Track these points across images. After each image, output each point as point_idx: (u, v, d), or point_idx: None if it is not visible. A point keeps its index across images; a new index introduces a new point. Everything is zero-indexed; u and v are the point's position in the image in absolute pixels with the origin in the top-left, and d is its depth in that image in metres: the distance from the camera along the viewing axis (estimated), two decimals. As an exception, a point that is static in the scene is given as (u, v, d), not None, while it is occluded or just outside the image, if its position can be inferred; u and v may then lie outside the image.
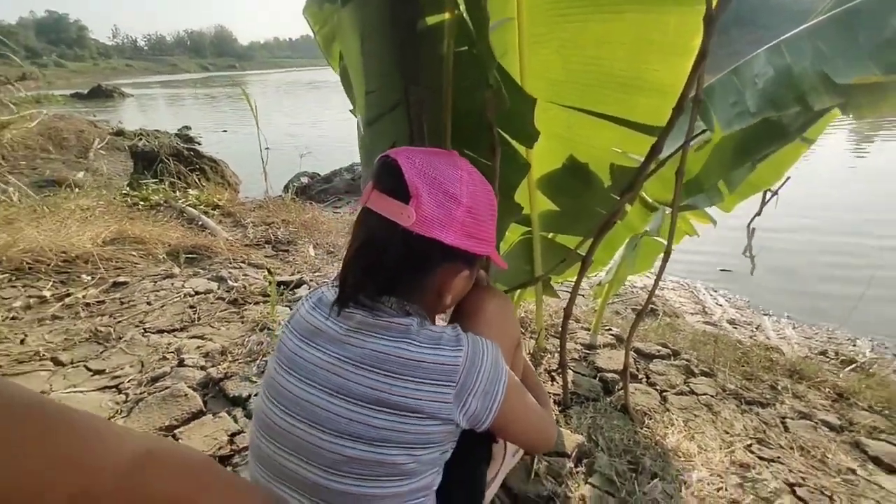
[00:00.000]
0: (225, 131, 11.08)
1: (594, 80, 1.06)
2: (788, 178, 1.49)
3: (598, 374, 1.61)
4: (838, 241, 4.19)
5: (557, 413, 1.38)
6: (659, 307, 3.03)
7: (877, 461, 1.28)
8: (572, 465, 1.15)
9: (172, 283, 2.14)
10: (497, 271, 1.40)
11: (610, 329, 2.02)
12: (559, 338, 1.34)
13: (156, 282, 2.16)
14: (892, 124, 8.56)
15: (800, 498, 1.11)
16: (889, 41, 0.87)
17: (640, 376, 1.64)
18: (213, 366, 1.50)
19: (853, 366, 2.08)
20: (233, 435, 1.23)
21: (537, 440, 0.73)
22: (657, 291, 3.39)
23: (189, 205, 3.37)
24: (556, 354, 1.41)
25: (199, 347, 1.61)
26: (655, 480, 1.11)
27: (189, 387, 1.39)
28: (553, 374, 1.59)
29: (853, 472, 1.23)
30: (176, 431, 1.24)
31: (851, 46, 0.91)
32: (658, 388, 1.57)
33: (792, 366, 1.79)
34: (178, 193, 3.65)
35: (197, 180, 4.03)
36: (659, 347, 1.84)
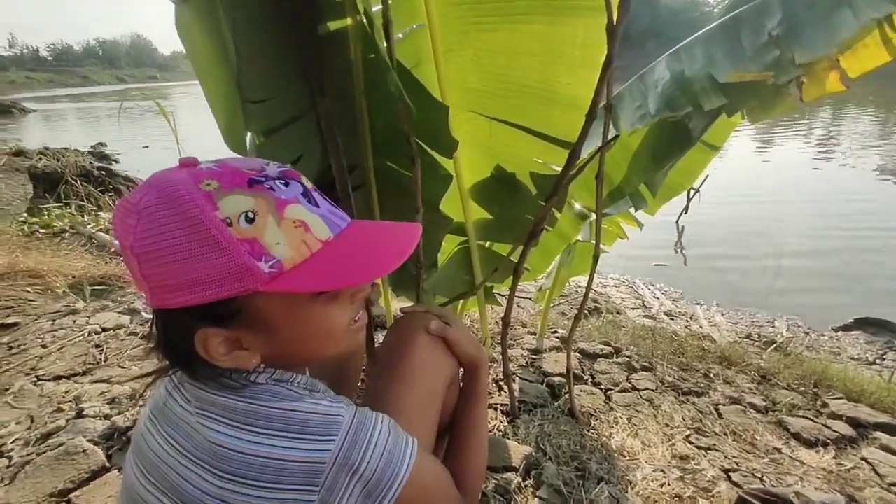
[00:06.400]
0: (146, 147, 10.25)
1: (510, 90, 1.06)
2: (707, 176, 1.59)
3: (545, 379, 1.61)
4: (751, 231, 4.62)
5: (505, 424, 1.35)
6: (602, 305, 3.14)
7: (797, 437, 1.37)
8: (520, 480, 1.12)
9: (75, 321, 1.88)
10: (436, 283, 1.36)
11: (556, 331, 2.04)
12: (500, 346, 1.31)
13: (54, 320, 1.89)
14: (784, 128, 9.65)
15: (735, 483, 1.16)
16: (765, 44, 0.94)
17: (585, 377, 1.65)
18: (119, 413, 1.32)
19: (773, 346, 2.26)
20: (143, 493, 1.07)
21: None
22: (600, 290, 3.54)
23: (100, 230, 3.03)
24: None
25: (103, 393, 1.41)
26: (602, 484, 1.11)
27: (89, 440, 1.20)
28: (500, 383, 1.56)
29: (778, 451, 1.30)
30: (72, 495, 1.06)
31: (735, 50, 0.97)
32: (602, 387, 1.59)
33: (721, 352, 1.89)
34: (86, 218, 3.27)
35: (111, 202, 3.65)
36: (602, 346, 1.89)
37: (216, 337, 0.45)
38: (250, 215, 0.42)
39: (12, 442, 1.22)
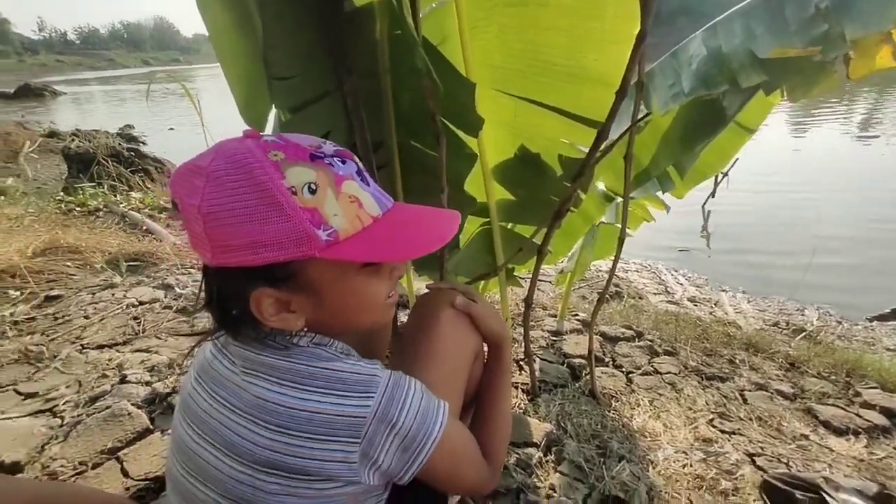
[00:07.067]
0: (172, 129, 10.46)
1: (536, 68, 1.03)
2: (737, 159, 1.53)
3: (566, 361, 1.62)
4: (783, 217, 4.45)
5: (526, 402, 1.37)
6: (624, 289, 3.10)
7: (826, 425, 1.35)
8: (541, 455, 1.14)
9: (113, 294, 1.98)
10: (458, 264, 1.36)
11: (577, 315, 2.03)
12: (522, 327, 1.32)
13: (94, 293, 1.99)
14: (822, 111, 9.10)
15: (759, 467, 1.15)
16: (812, 17, 0.88)
17: (606, 359, 1.65)
18: (159, 380, 1.39)
19: (803, 334, 2.20)
20: (183, 455, 1.14)
21: (465, 492, 0.65)
22: (622, 274, 3.50)
23: (131, 209, 3.14)
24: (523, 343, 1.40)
25: (143, 362, 1.49)
26: (623, 463, 1.12)
27: (133, 404, 1.28)
28: (521, 363, 1.58)
29: (806, 437, 1.28)
30: (120, 454, 1.14)
31: (778, 24, 0.92)
32: (624, 370, 1.59)
33: (748, 339, 1.86)
34: (118, 197, 3.40)
35: (141, 182, 3.77)
36: (624, 329, 1.87)
37: (269, 297, 0.47)
38: (312, 187, 0.45)
39: (63, 403, 1.31)
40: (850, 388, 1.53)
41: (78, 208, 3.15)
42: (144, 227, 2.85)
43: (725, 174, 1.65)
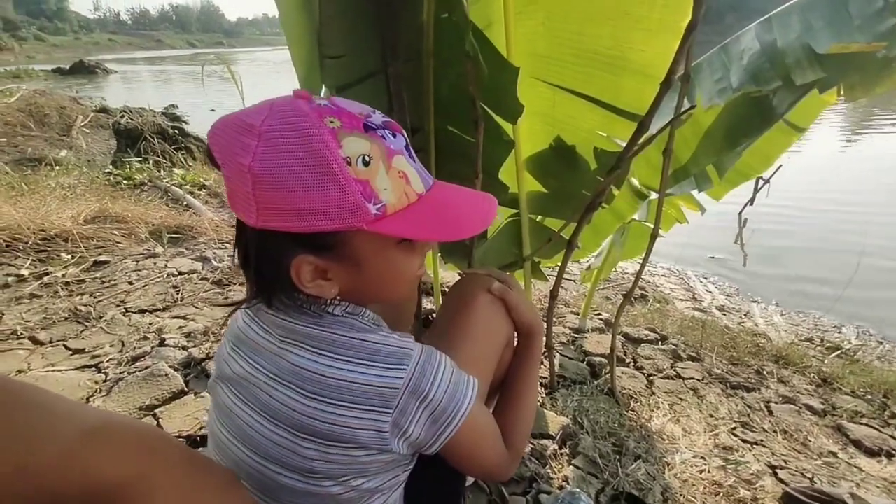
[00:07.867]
0: (213, 110, 10.81)
1: (579, 57, 1.02)
2: (780, 166, 1.47)
3: (586, 358, 1.61)
4: (826, 230, 4.22)
5: (544, 396, 1.38)
6: (649, 293, 3.04)
7: (857, 444, 1.30)
8: (556, 447, 1.15)
9: (155, 263, 2.09)
10: (484, 254, 1.37)
11: (599, 314, 2.01)
12: (546, 320, 1.32)
13: (138, 261, 2.11)
14: (880, 118, 8.52)
15: (780, 480, 1.12)
16: (879, 11, 0.84)
17: (627, 360, 1.64)
18: (195, 346, 1.47)
19: (838, 352, 2.11)
20: (213, 416, 1.21)
21: (483, 474, 0.67)
22: (648, 278, 3.43)
23: (174, 184, 3.29)
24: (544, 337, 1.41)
25: (181, 327, 1.58)
26: (639, 462, 1.12)
27: (170, 366, 1.36)
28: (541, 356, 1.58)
29: (834, 454, 1.24)
30: (157, 411, 1.22)
31: (841, 18, 0.88)
32: (645, 371, 1.57)
33: (778, 352, 1.80)
34: (162, 172, 3.56)
35: (183, 159, 3.93)
36: (647, 332, 1.85)
37: (309, 265, 0.47)
38: (367, 159, 0.44)
39: (107, 361, 1.40)
40: (886, 409, 1.47)
41: (125, 181, 3.33)
42: (185, 203, 2.99)
43: (767, 181, 1.58)
